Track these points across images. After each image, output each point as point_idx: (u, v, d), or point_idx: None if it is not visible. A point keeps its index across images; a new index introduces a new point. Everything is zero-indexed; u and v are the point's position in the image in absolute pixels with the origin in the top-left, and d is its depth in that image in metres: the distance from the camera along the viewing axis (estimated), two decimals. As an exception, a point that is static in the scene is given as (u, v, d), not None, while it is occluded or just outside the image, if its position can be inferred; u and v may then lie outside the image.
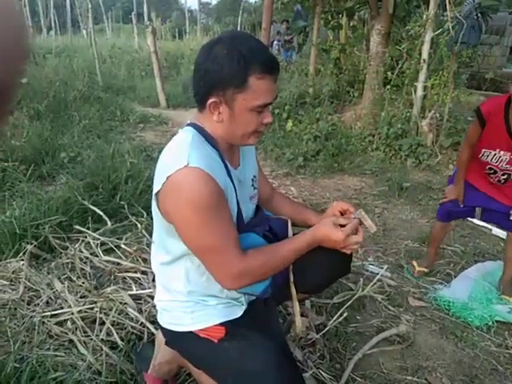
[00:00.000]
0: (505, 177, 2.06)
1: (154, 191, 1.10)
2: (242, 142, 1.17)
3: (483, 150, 2.02)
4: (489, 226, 2.99)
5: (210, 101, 1.08)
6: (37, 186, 3.08)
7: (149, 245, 2.24)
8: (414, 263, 2.44)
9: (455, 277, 2.37)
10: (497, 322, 2.01)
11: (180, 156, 1.04)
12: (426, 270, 2.40)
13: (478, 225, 3.04)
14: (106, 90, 7.17)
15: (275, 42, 9.07)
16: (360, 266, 2.39)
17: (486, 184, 2.14)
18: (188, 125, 1.17)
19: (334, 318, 1.77)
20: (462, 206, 2.19)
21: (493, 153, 2.00)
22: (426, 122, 4.44)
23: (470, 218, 3.05)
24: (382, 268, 2.21)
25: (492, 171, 2.08)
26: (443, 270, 2.46)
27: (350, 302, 1.83)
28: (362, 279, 2.18)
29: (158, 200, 1.10)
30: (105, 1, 23.57)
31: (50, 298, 1.88)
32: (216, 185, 1.05)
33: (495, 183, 2.11)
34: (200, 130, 1.13)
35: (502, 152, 1.98)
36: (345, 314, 1.77)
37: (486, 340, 1.91)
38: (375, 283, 2.06)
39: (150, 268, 2.00)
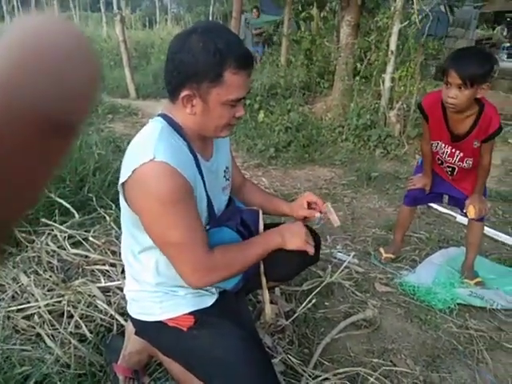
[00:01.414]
0: (449, 169, 2.15)
1: (120, 182, 1.09)
2: (214, 134, 1.17)
3: (432, 142, 2.11)
4: (453, 214, 3.10)
5: (184, 93, 1.07)
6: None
7: (118, 237, 2.21)
8: (381, 250, 2.51)
9: (420, 263, 2.46)
10: (458, 304, 2.10)
11: (146, 149, 1.03)
12: (392, 256, 2.47)
13: (443, 212, 3.15)
14: (73, 80, 6.96)
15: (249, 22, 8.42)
16: (328, 253, 2.44)
17: (445, 173, 2.23)
18: (158, 115, 1.16)
19: (303, 305, 1.81)
20: (427, 193, 2.27)
21: (437, 144, 2.09)
22: (393, 113, 4.54)
23: (434, 205, 3.16)
24: (350, 255, 2.26)
25: (439, 162, 2.18)
26: (409, 256, 2.55)
27: (318, 289, 1.87)
28: (330, 266, 2.24)
29: (124, 191, 1.09)
30: (71, -12, 22.77)
31: (16, 292, 1.84)
32: (182, 179, 1.04)
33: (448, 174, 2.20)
34: (170, 122, 1.12)
35: (442, 144, 2.06)
36: (313, 301, 1.81)
37: (448, 322, 2.00)
38: (343, 270, 2.12)
39: (119, 260, 1.99)
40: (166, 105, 1.17)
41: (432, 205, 3.14)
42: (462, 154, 2.03)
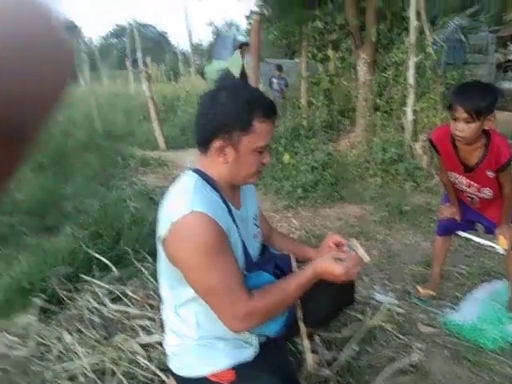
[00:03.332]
0: (470, 199, 2.14)
1: (160, 238, 1.14)
2: (244, 181, 1.24)
3: (448, 173, 2.12)
4: (491, 244, 2.99)
5: (217, 143, 1.15)
6: (43, 237, 3.12)
7: (155, 290, 2.25)
8: (419, 287, 2.44)
9: (463, 299, 2.37)
10: (510, 344, 2.00)
11: (183, 202, 1.09)
12: (432, 292, 2.40)
13: (481, 243, 3.05)
14: (105, 137, 7.32)
15: (274, 80, 8.38)
16: (366, 295, 2.39)
17: (469, 202, 2.21)
18: (190, 169, 1.23)
19: (345, 353, 1.77)
20: (459, 220, 2.24)
21: (452, 175, 2.09)
22: (419, 145, 4.52)
23: (471, 237, 3.07)
24: (389, 295, 2.21)
25: (460, 191, 2.16)
26: (450, 292, 2.46)
27: (358, 335, 1.82)
28: (369, 309, 2.18)
29: (164, 245, 1.14)
30: (100, 49, 24.34)
31: (61, 351, 1.89)
32: (219, 228, 1.09)
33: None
34: (202, 175, 1.19)
35: (457, 175, 2.07)
36: (355, 348, 1.77)
37: (500, 363, 1.89)
38: (383, 312, 2.06)
39: (157, 314, 2.02)
40: (197, 158, 1.25)
41: (469, 236, 3.04)
42: (477, 185, 2.03)
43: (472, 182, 2.04)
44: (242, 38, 12.14)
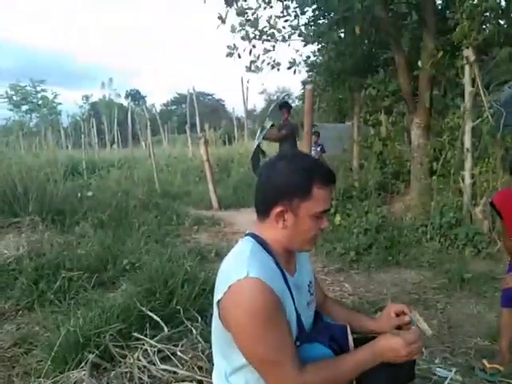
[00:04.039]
0: None
1: (216, 300, 1.16)
2: (301, 247, 1.26)
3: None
4: None
5: (277, 210, 1.19)
6: (99, 293, 3.24)
7: (203, 351, 2.24)
8: (485, 362, 2.24)
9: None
10: None
11: (240, 266, 1.12)
12: (499, 367, 2.19)
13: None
14: (163, 197, 7.69)
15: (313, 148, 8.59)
16: (426, 369, 2.22)
17: None
18: (246, 235, 1.27)
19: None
20: None
21: None
22: (479, 210, 4.33)
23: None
24: (452, 371, 2.04)
25: None
26: (521, 370, 2.23)
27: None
28: (430, 385, 2.02)
29: (219, 309, 1.15)
30: (161, 115, 26.24)
31: (110, 410, 1.89)
32: (274, 295, 1.09)
33: None
34: (258, 240, 1.23)
35: None
36: (415, 428, 1.62)
37: None
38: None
39: (206, 377, 1.99)
40: (255, 224, 1.28)
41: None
42: None
43: None
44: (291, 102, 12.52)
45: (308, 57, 7.48)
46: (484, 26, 5.05)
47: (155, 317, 2.63)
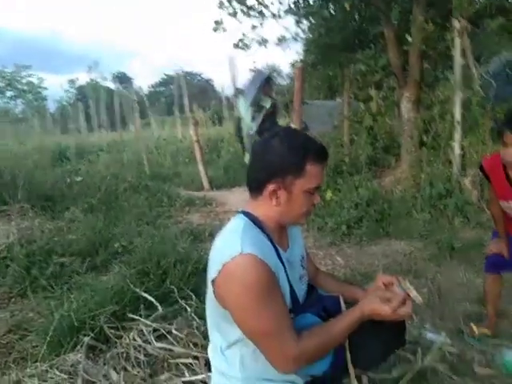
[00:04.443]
0: None
1: (210, 279, 1.16)
2: (294, 221, 1.29)
3: (500, 202, 2.05)
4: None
5: (271, 187, 1.20)
6: (92, 277, 3.23)
7: (198, 328, 2.26)
8: (473, 326, 2.30)
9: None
10: None
11: (233, 243, 1.12)
12: (487, 331, 2.25)
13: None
14: (153, 179, 7.63)
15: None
16: (417, 334, 2.26)
17: None
18: (239, 212, 1.27)
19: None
20: (507, 258, 2.14)
21: (505, 204, 2.02)
22: (468, 180, 4.37)
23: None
24: (441, 335, 2.08)
25: (511, 221, 2.08)
26: (508, 331, 2.29)
27: (409, 376, 1.72)
28: (420, 349, 2.05)
29: (213, 286, 1.16)
30: (149, 97, 25.83)
31: (107, 389, 1.91)
32: (269, 270, 1.11)
33: None
34: (251, 217, 1.23)
35: (509, 202, 1.99)
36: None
37: None
38: (435, 352, 1.94)
39: (201, 352, 2.02)
40: (247, 201, 1.29)
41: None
42: None
43: None
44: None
45: (297, 34, 7.35)
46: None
47: (149, 297, 2.64)
